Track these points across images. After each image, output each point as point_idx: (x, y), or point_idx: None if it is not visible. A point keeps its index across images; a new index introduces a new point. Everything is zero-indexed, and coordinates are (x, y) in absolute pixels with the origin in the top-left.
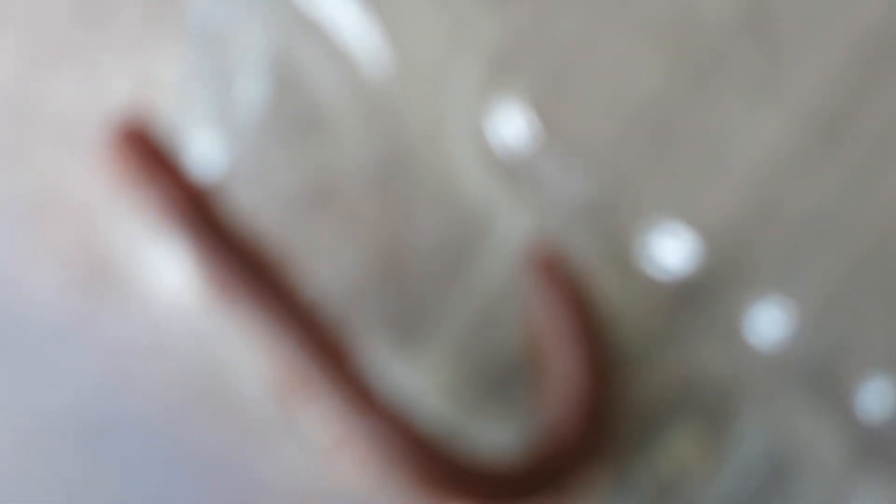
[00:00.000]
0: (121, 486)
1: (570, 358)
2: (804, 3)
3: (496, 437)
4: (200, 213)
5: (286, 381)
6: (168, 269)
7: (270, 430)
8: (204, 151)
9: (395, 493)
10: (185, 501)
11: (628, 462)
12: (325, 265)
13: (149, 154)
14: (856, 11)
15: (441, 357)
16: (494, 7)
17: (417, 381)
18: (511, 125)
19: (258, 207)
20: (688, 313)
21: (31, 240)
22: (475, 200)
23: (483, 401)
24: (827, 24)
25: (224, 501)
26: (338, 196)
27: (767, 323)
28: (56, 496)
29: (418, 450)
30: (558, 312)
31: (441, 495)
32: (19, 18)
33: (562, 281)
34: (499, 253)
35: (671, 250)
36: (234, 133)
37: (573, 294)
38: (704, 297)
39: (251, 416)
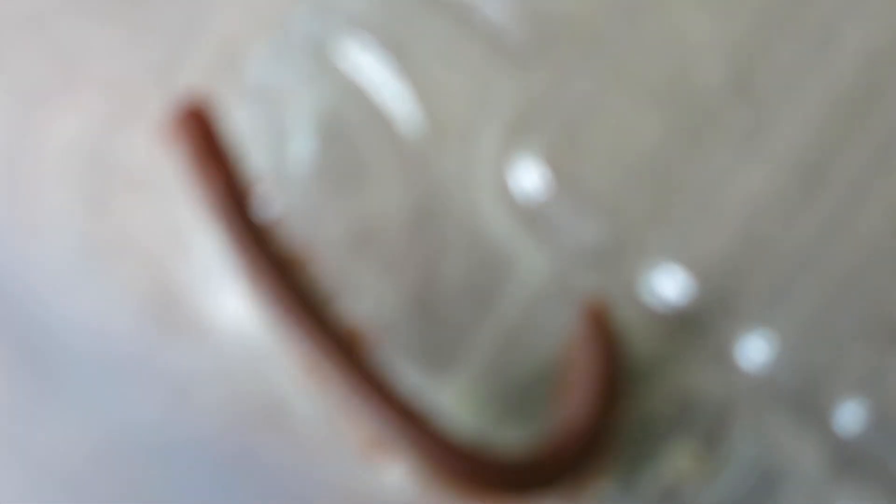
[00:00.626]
0: (182, 499)
1: (589, 376)
2: (786, 68)
3: (516, 444)
4: (241, 204)
5: (330, 399)
6: (229, 302)
7: (321, 446)
8: (259, 198)
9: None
10: None
11: (631, 470)
12: (365, 301)
13: (205, 136)
14: (830, 77)
15: (468, 381)
16: (514, 75)
17: (446, 402)
18: (529, 177)
19: (309, 254)
20: (684, 341)
21: (104, 279)
22: (498, 243)
23: (505, 417)
24: (805, 87)
25: None
26: (377, 240)
27: (754, 349)
28: None
29: (445, 448)
30: (591, 344)
31: (463, 484)
32: (97, 80)
33: (601, 324)
34: (520, 288)
35: (669, 286)
36: (285, 183)
37: (607, 334)
38: (698, 327)
39: (303, 433)
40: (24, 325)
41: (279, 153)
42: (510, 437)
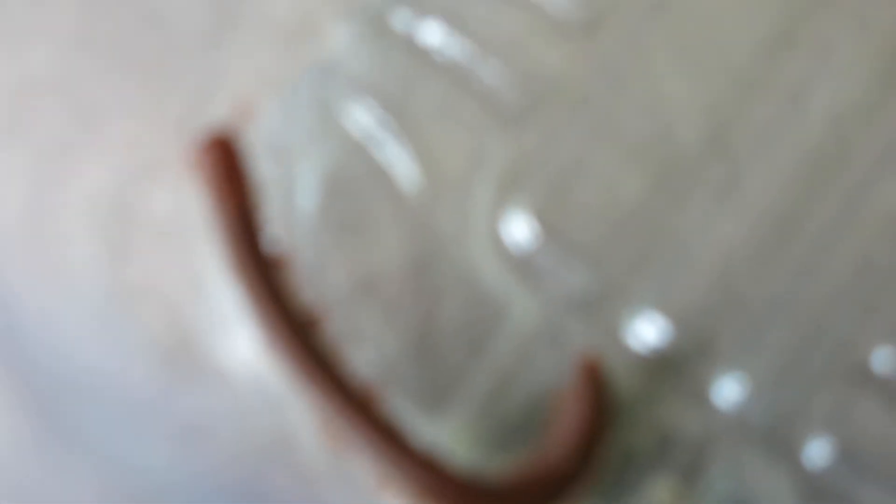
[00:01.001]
0: None
1: (576, 413)
2: (759, 128)
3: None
4: (252, 233)
5: (333, 435)
6: (241, 343)
7: (326, 478)
8: (269, 229)
9: None
10: None
11: (613, 503)
12: (368, 345)
13: (226, 163)
14: (800, 135)
15: (463, 418)
16: (506, 134)
17: (443, 439)
18: (520, 229)
19: (313, 297)
20: (664, 382)
21: (124, 323)
22: (492, 290)
23: (497, 451)
24: (777, 145)
25: None
26: (378, 287)
27: (729, 390)
28: None
29: (440, 476)
30: (581, 388)
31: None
32: (120, 136)
33: (594, 372)
34: (512, 332)
35: (650, 331)
36: (293, 233)
37: (598, 381)
38: (677, 369)
39: (309, 466)
40: (41, 371)
41: (288, 205)
42: (502, 469)
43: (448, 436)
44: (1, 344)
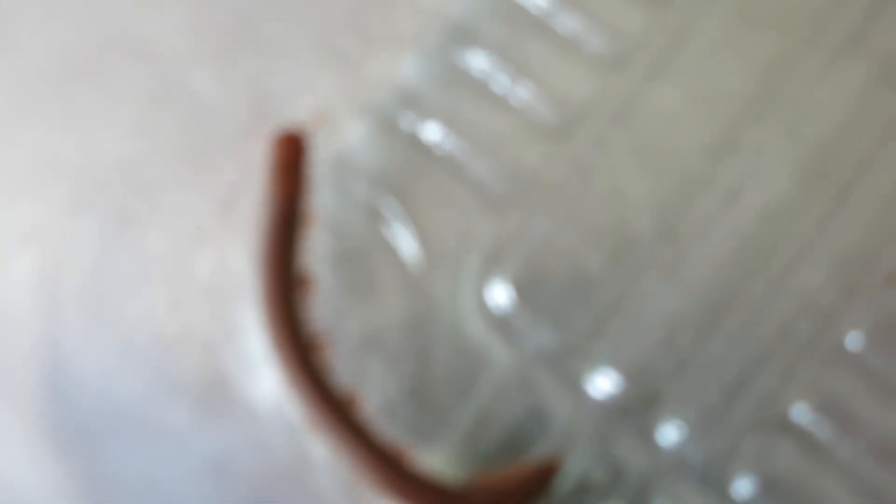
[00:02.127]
0: None
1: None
2: (701, 218)
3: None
4: (291, 221)
5: (351, 469)
6: (266, 382)
7: (339, 501)
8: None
9: None
10: None
11: None
12: (373, 388)
13: (293, 155)
14: (735, 226)
15: (450, 448)
16: (492, 217)
17: (434, 464)
18: (501, 295)
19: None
20: (616, 425)
21: (168, 367)
22: (476, 344)
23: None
24: (715, 234)
25: None
26: (382, 341)
27: (670, 433)
28: None
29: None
30: (537, 468)
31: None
32: (175, 211)
33: (551, 467)
34: (492, 379)
35: (605, 382)
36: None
37: (551, 470)
38: (627, 414)
39: (324, 490)
40: (86, 412)
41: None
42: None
43: (438, 462)
44: (52, 393)
